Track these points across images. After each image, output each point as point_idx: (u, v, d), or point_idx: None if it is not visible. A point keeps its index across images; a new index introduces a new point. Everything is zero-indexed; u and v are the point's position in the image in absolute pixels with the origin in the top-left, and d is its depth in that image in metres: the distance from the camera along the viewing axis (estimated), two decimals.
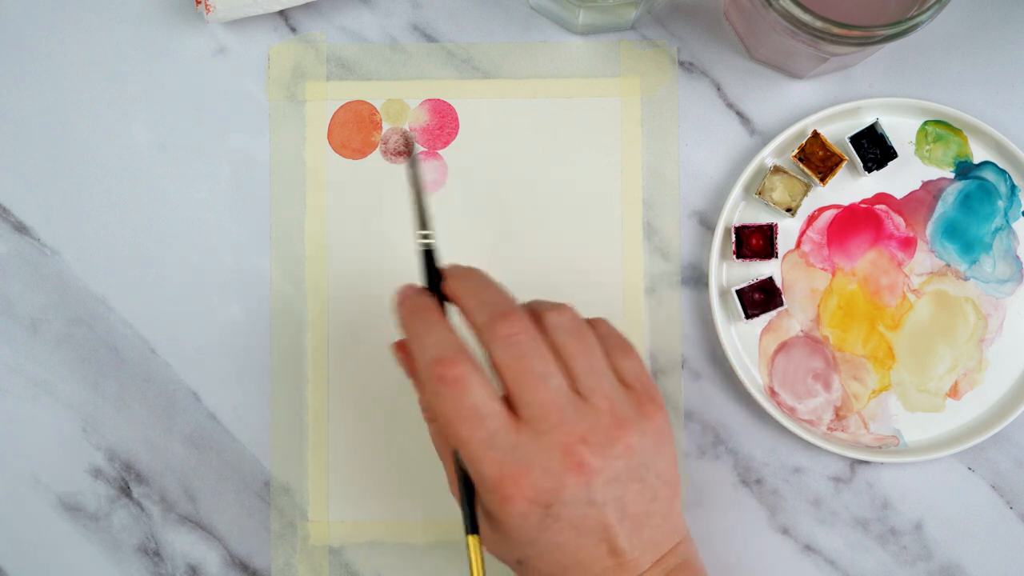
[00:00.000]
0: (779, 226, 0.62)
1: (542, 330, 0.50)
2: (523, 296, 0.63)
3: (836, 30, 0.52)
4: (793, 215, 0.61)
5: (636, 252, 0.62)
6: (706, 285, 0.62)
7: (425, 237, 0.53)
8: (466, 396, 0.48)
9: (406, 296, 0.52)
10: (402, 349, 0.53)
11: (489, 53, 0.63)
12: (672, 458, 0.51)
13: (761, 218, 0.62)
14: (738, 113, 0.63)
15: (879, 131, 0.61)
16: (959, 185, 0.62)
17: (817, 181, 0.61)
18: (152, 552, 0.63)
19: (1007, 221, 0.62)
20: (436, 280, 0.52)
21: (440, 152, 0.63)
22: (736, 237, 0.61)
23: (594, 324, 0.52)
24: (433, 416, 0.53)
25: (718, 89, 0.63)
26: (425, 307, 0.51)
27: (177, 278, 0.63)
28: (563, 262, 0.63)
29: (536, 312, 0.51)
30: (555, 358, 0.49)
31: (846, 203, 0.62)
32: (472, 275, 0.52)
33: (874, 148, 0.61)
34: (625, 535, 0.49)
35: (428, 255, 0.53)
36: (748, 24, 0.60)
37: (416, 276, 0.53)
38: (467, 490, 0.50)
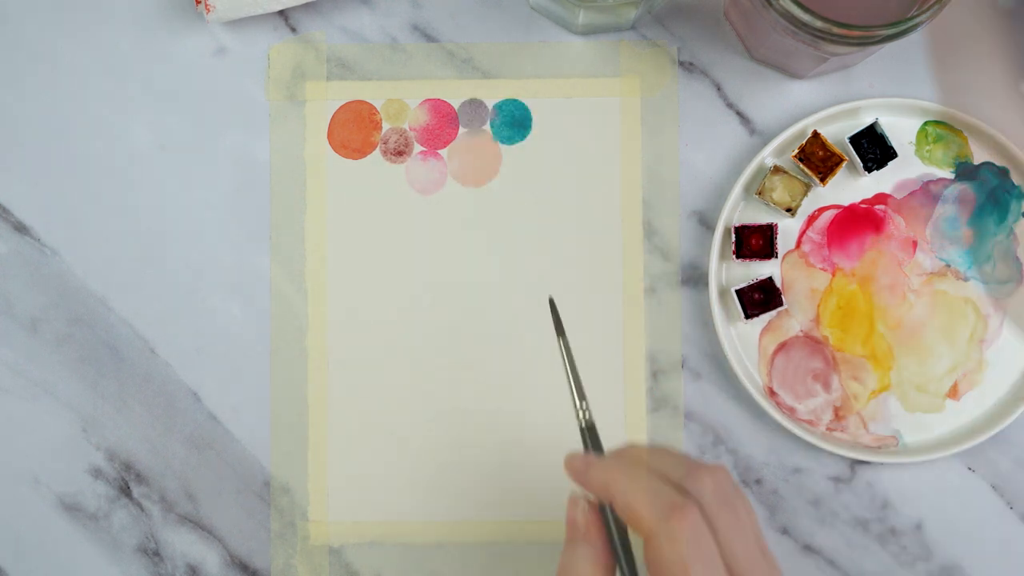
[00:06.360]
0: (779, 226, 0.62)
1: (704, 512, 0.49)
2: (526, 297, 0.63)
3: (836, 30, 0.52)
4: (793, 215, 0.61)
5: (636, 252, 0.62)
6: (706, 285, 0.62)
7: (583, 410, 0.52)
8: (703, 544, 0.47)
9: (590, 460, 0.51)
10: (584, 503, 0.51)
11: (489, 53, 0.63)
12: None
13: (761, 218, 0.62)
14: (738, 113, 0.63)
15: (879, 131, 0.61)
16: (959, 185, 0.62)
17: (817, 181, 0.61)
18: (152, 552, 0.63)
19: (1007, 222, 0.62)
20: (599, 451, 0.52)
21: (440, 152, 0.63)
22: (736, 237, 0.61)
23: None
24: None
25: (718, 89, 0.63)
26: (632, 464, 0.50)
27: (177, 278, 0.63)
28: (563, 262, 0.63)
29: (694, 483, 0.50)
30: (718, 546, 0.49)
31: (846, 203, 0.62)
32: (629, 458, 0.51)
33: (874, 148, 0.61)
34: None
35: (591, 431, 0.52)
36: (748, 24, 0.60)
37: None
38: None
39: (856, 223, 0.62)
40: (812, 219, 0.62)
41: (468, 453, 0.62)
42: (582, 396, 0.52)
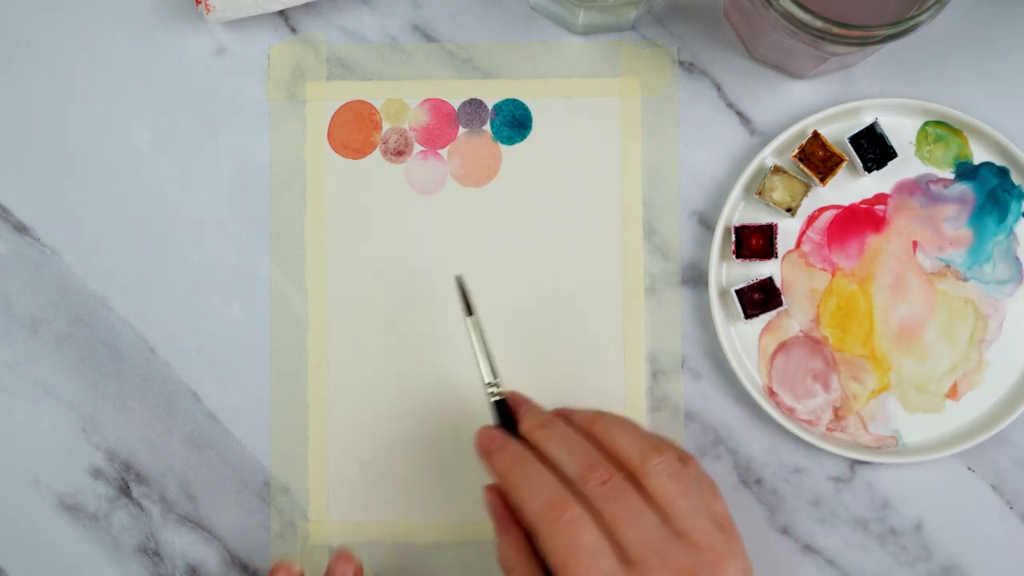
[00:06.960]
0: (779, 226, 0.62)
1: (642, 475, 0.51)
2: (526, 297, 0.63)
3: (836, 30, 0.52)
4: (793, 215, 0.61)
5: (636, 252, 0.62)
6: (706, 285, 0.62)
7: (494, 385, 0.55)
8: (583, 536, 0.49)
9: (494, 443, 0.53)
10: (495, 494, 0.54)
11: (489, 53, 0.63)
12: None
13: (761, 218, 0.62)
14: (738, 113, 0.63)
15: (878, 131, 0.61)
16: (959, 185, 0.62)
17: (817, 181, 0.61)
18: (152, 552, 0.63)
19: (1007, 222, 0.62)
20: (511, 425, 0.54)
21: (440, 152, 0.63)
22: (736, 237, 0.61)
23: (686, 462, 0.53)
24: (512, 566, 0.53)
25: (718, 89, 0.63)
26: (523, 456, 0.52)
27: (177, 278, 0.63)
28: (563, 262, 0.63)
29: (638, 456, 0.52)
30: (647, 498, 0.51)
31: (846, 203, 0.62)
32: (551, 424, 0.53)
33: (874, 148, 0.61)
34: None
35: (501, 405, 0.55)
36: (748, 24, 0.60)
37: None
38: None
39: (856, 223, 0.62)
40: (812, 219, 0.62)
41: (469, 453, 0.62)
42: (495, 374, 0.55)
